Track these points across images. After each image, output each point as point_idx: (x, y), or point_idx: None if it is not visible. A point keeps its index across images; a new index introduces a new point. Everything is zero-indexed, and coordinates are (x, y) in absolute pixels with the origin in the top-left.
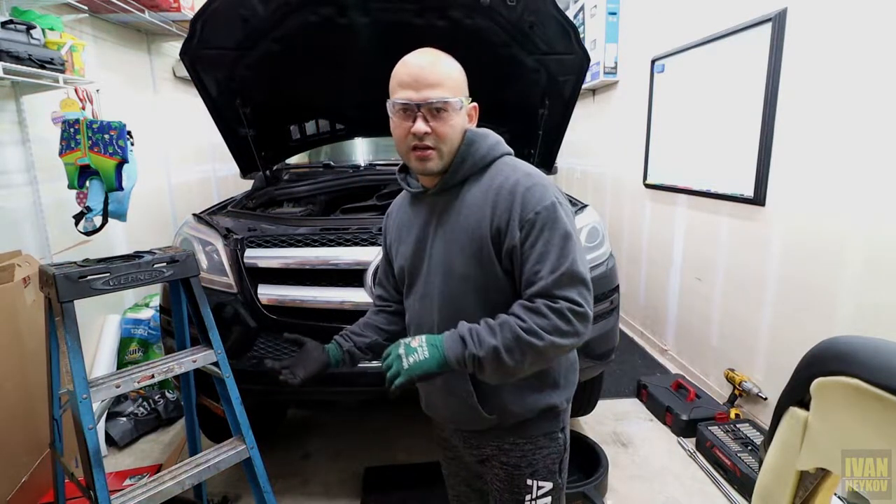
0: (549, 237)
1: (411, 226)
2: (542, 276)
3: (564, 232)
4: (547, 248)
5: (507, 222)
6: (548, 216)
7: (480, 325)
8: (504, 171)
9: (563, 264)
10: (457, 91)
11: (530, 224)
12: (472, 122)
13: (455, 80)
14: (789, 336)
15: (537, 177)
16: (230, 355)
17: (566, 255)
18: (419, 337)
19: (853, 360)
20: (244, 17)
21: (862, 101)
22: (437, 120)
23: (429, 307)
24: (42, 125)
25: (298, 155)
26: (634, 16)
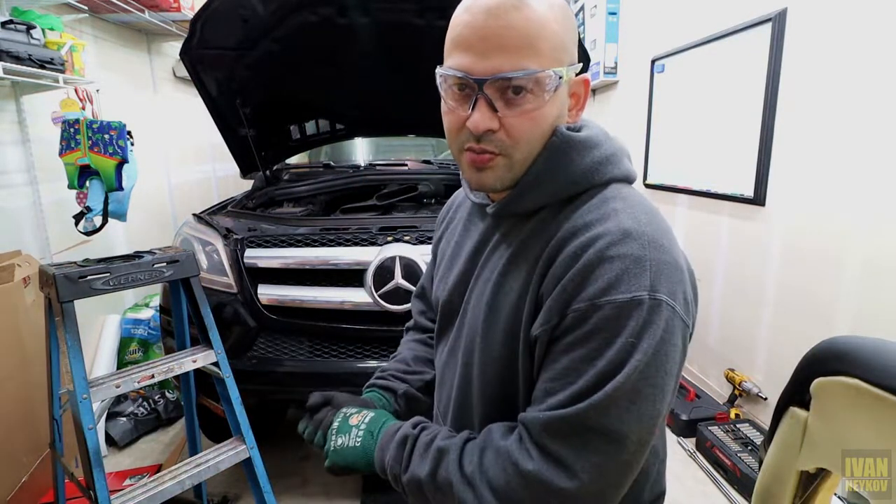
0: (595, 353)
1: (462, 245)
2: (545, 402)
3: (622, 357)
4: (581, 367)
5: (549, 294)
6: (612, 319)
7: (424, 437)
8: (592, 214)
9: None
10: (555, 55)
11: (576, 318)
12: (578, 107)
13: (552, 34)
14: (789, 336)
15: (637, 242)
16: (230, 355)
17: (600, 390)
18: (367, 413)
19: (853, 360)
20: (244, 17)
21: (862, 100)
22: (512, 108)
23: (452, 371)
24: (42, 125)
25: (298, 155)
26: (634, 16)
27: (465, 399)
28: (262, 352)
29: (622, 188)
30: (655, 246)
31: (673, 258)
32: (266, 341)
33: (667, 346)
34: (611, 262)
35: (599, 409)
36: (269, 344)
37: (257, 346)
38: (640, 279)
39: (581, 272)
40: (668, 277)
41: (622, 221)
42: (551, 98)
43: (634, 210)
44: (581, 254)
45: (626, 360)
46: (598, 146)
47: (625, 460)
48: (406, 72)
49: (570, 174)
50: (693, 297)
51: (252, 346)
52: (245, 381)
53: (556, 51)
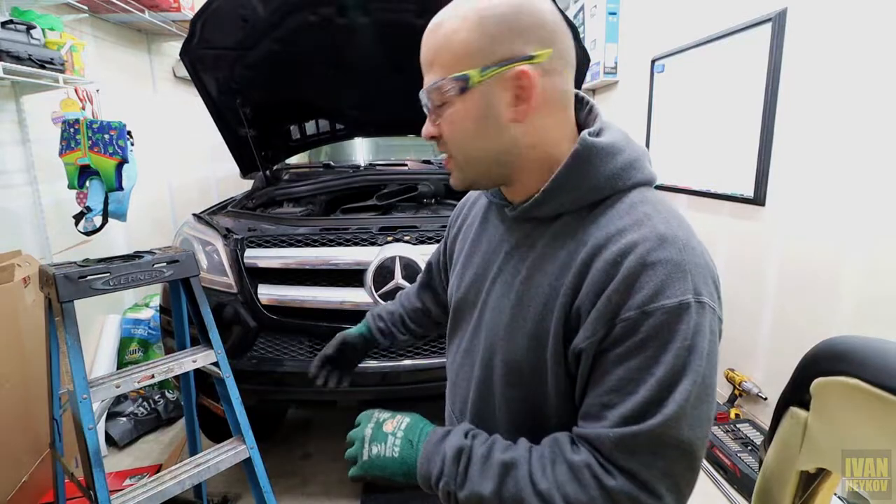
0: (651, 361)
1: (478, 243)
2: (607, 418)
3: (682, 361)
4: (640, 377)
5: (592, 307)
6: (664, 324)
7: (479, 448)
8: (623, 220)
9: (654, 415)
10: (457, 63)
11: (627, 327)
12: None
13: (461, 40)
14: (789, 336)
15: (674, 247)
16: (230, 355)
17: (667, 401)
18: (401, 419)
19: (853, 360)
20: (244, 17)
21: (862, 100)
22: (440, 116)
23: (468, 372)
24: (42, 125)
25: (298, 155)
26: (634, 16)
27: (486, 404)
28: (262, 352)
29: (647, 192)
30: (690, 249)
31: (704, 259)
32: (266, 341)
33: (715, 346)
34: (654, 269)
35: (672, 421)
36: (269, 344)
37: (257, 346)
38: (685, 283)
39: (625, 280)
40: (705, 279)
41: (657, 226)
42: (464, 100)
43: (665, 214)
44: (621, 261)
45: (687, 364)
46: (621, 151)
47: (695, 467)
48: (406, 72)
49: (594, 180)
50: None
51: (252, 346)
52: (245, 381)
53: (464, 57)
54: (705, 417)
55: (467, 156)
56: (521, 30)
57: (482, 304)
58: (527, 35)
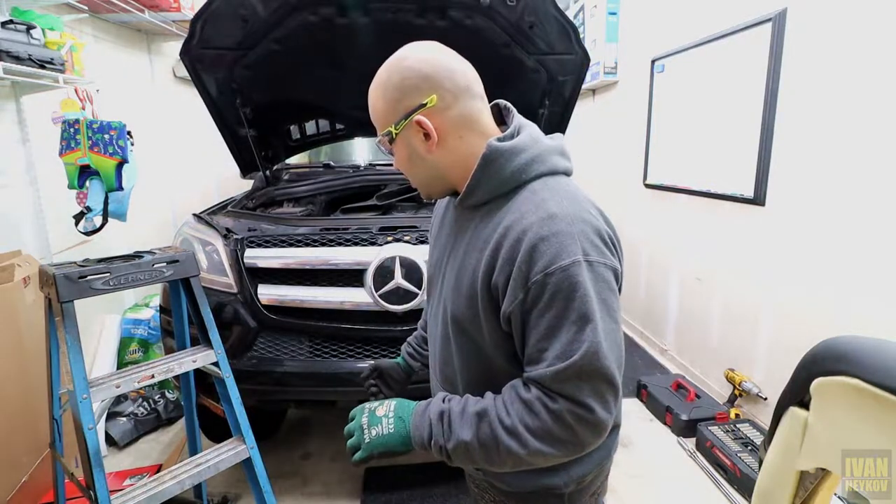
0: (563, 310)
1: (442, 227)
2: (545, 359)
3: (585, 306)
4: (558, 324)
5: (507, 280)
6: (563, 280)
7: (455, 407)
8: (525, 205)
9: (576, 351)
10: (384, 121)
11: (538, 288)
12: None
13: (380, 109)
14: (789, 336)
15: (563, 221)
16: (230, 355)
17: (582, 339)
18: (389, 403)
19: (853, 360)
20: (244, 17)
21: (862, 100)
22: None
23: (435, 329)
24: (42, 125)
25: (298, 155)
26: (634, 16)
27: (447, 351)
28: (262, 352)
29: (549, 180)
30: (578, 220)
31: (593, 226)
32: (266, 341)
33: (607, 291)
34: (548, 240)
35: (588, 354)
36: (269, 344)
37: (257, 346)
38: (574, 247)
39: (529, 252)
40: (593, 241)
41: (549, 207)
42: (396, 147)
43: (557, 196)
44: (523, 238)
45: (589, 309)
46: (524, 150)
47: (615, 383)
48: None
49: (500, 176)
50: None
51: (252, 346)
52: (245, 381)
53: (383, 118)
54: (616, 345)
55: (415, 180)
56: (407, 90)
57: (442, 276)
58: (415, 91)
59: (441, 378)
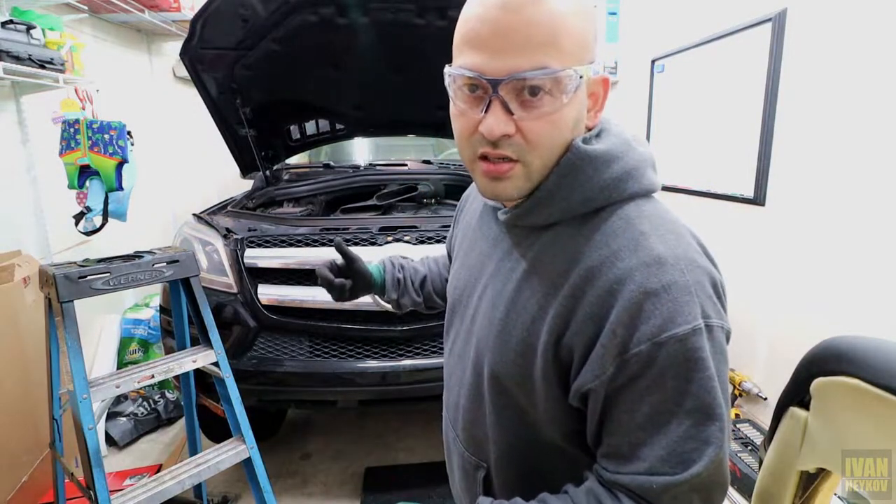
0: (676, 395)
1: (475, 242)
2: (642, 458)
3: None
4: (667, 411)
5: (590, 345)
6: (678, 354)
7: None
8: (618, 239)
9: (697, 460)
10: (576, 53)
11: (640, 362)
12: (597, 108)
13: (574, 31)
14: (789, 336)
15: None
16: (230, 355)
17: (704, 440)
18: None
19: (853, 360)
20: (244, 17)
21: (862, 100)
22: (529, 110)
23: (459, 377)
24: (42, 125)
25: (298, 155)
26: (634, 16)
27: (478, 410)
28: (262, 352)
29: (645, 205)
30: (692, 267)
31: (707, 273)
32: (266, 341)
33: (725, 367)
34: (657, 296)
35: (713, 464)
36: (269, 344)
37: (257, 346)
38: (692, 307)
39: (628, 311)
40: (709, 296)
41: (654, 248)
42: (571, 99)
43: (662, 230)
44: (619, 289)
45: (715, 396)
46: (617, 160)
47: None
48: (406, 72)
49: (586, 192)
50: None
51: (252, 346)
52: (245, 381)
53: (577, 48)
54: (728, 436)
55: (547, 160)
56: (598, 31)
57: (474, 309)
58: (598, 38)
59: (465, 439)
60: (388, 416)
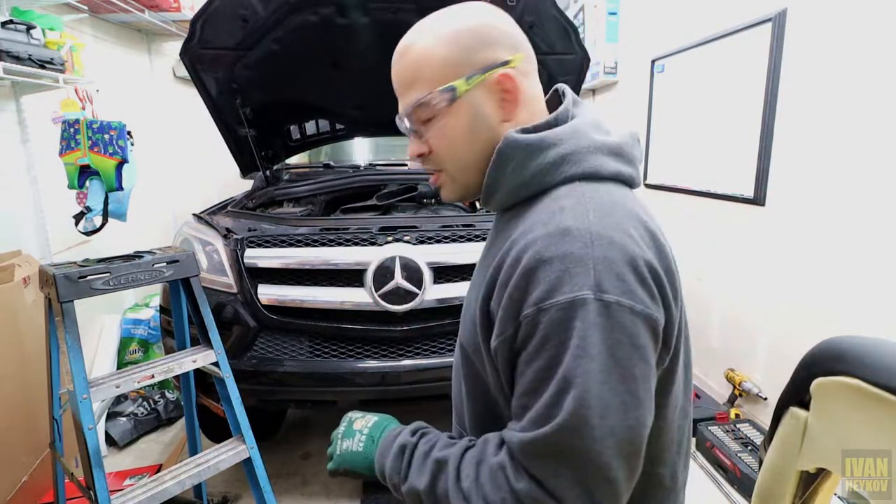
0: (551, 362)
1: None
2: (522, 422)
3: (574, 363)
4: (544, 377)
5: (500, 306)
6: (556, 321)
7: (422, 445)
8: (540, 213)
9: (548, 422)
10: (440, 76)
11: (528, 325)
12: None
13: (434, 60)
14: (789, 336)
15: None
16: (230, 355)
17: (560, 405)
18: (370, 418)
19: (853, 360)
20: (244, 17)
21: (862, 100)
22: (429, 130)
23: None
24: (42, 125)
25: (298, 155)
26: (634, 16)
27: (457, 379)
28: (262, 352)
29: (582, 186)
30: (602, 242)
31: (626, 252)
32: (266, 341)
33: (626, 347)
34: (550, 264)
35: (566, 430)
36: (269, 344)
37: (257, 346)
38: (583, 278)
39: (523, 277)
40: (619, 274)
41: (564, 220)
42: (455, 109)
43: (583, 206)
44: (521, 257)
45: (578, 368)
46: (554, 146)
47: (611, 478)
48: None
49: (520, 176)
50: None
51: (252, 346)
52: (245, 381)
53: (445, 69)
54: (619, 427)
55: (461, 164)
56: (492, 40)
57: None
58: (498, 44)
59: (454, 410)
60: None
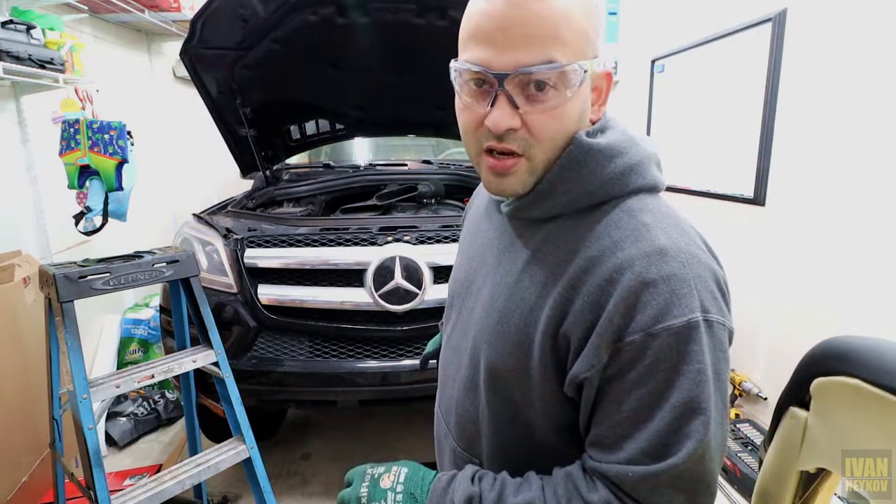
0: (664, 388)
1: (477, 234)
2: (624, 450)
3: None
4: (654, 404)
5: (586, 334)
6: (671, 347)
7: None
8: (619, 230)
9: (677, 451)
10: (579, 47)
11: (633, 352)
12: (600, 102)
13: (575, 25)
14: (789, 336)
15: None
16: (230, 355)
17: (687, 433)
18: (398, 470)
19: (853, 360)
20: (244, 17)
21: (862, 100)
22: (535, 104)
23: (455, 370)
24: (42, 125)
25: (298, 155)
26: (634, 16)
27: (472, 405)
28: (262, 352)
29: (647, 199)
30: (694, 261)
31: (710, 269)
32: (266, 341)
33: (723, 363)
34: (655, 287)
35: (695, 457)
36: (269, 344)
37: (257, 346)
38: (691, 300)
39: (625, 301)
40: (712, 292)
41: (656, 238)
42: (575, 94)
43: (666, 223)
44: (617, 278)
45: (703, 392)
46: (621, 154)
47: (713, 488)
48: (406, 72)
49: (588, 185)
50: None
51: (252, 346)
52: (245, 381)
53: (580, 42)
54: (723, 438)
55: (550, 156)
56: (602, 26)
57: (474, 300)
58: (602, 33)
59: (458, 434)
60: (388, 416)
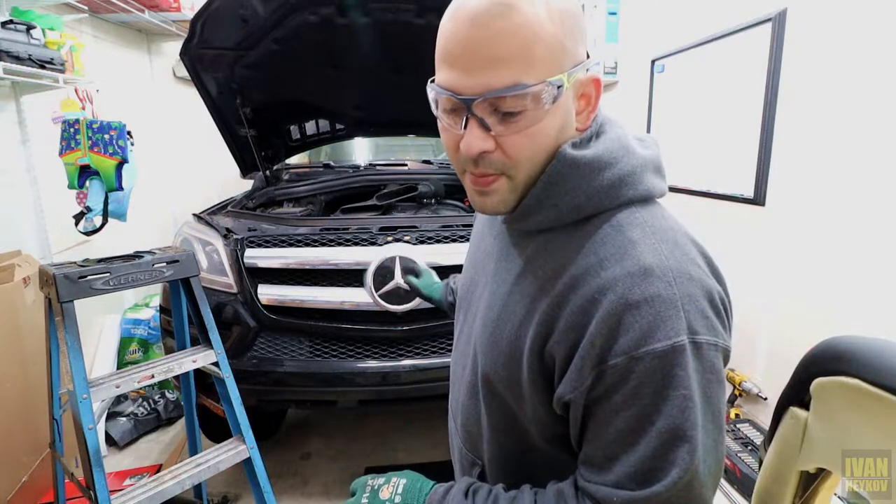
0: (649, 412)
1: (482, 238)
2: (611, 471)
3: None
4: (639, 429)
5: (570, 353)
6: (655, 371)
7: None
8: (606, 247)
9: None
10: (552, 62)
11: (616, 375)
12: (589, 110)
13: (546, 38)
14: (789, 336)
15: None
16: (230, 355)
17: (671, 460)
18: (397, 481)
19: (853, 360)
20: (244, 17)
21: (862, 100)
22: (508, 125)
23: (460, 375)
24: (42, 125)
25: (298, 155)
26: (634, 16)
27: (474, 408)
28: (262, 352)
29: (639, 211)
30: (683, 279)
31: (703, 286)
32: (266, 341)
33: (714, 385)
34: (638, 309)
35: (680, 484)
36: (269, 344)
37: (257, 346)
38: (676, 322)
39: (606, 323)
40: (703, 311)
41: (641, 256)
42: (551, 110)
43: (655, 238)
44: (599, 299)
45: (688, 419)
46: (609, 165)
47: None
48: (406, 72)
49: (575, 199)
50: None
51: (252, 346)
52: (245, 381)
53: (555, 54)
54: (715, 463)
55: (532, 174)
56: (583, 30)
57: (475, 309)
58: (584, 36)
59: (463, 435)
60: (388, 416)
